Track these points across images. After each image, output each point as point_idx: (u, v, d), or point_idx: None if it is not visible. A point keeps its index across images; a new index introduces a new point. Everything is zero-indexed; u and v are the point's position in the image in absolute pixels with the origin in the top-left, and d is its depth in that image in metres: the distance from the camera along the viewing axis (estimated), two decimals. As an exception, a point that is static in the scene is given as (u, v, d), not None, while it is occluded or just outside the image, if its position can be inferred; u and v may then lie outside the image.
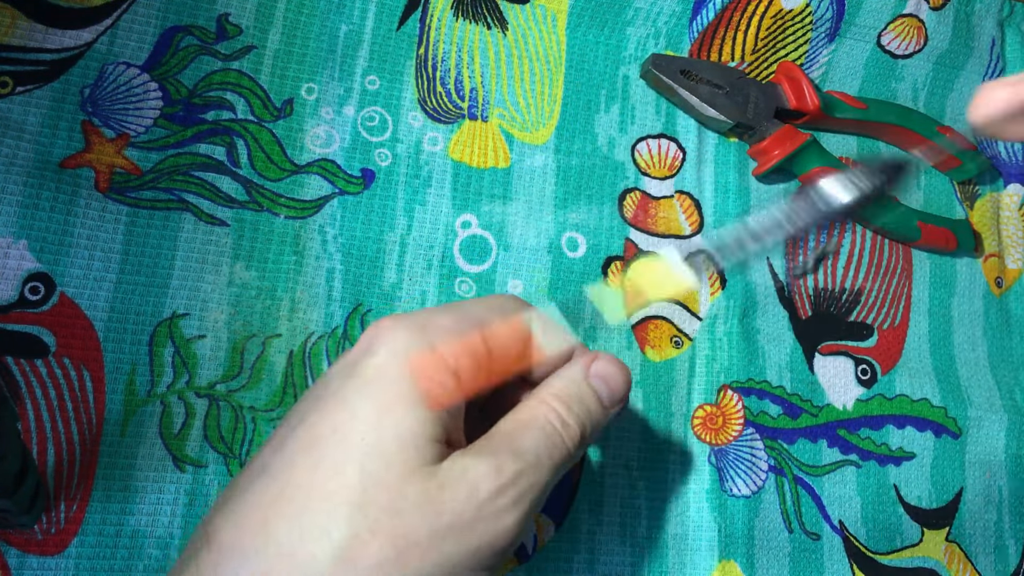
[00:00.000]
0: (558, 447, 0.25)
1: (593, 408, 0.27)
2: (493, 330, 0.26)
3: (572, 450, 0.26)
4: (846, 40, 0.45)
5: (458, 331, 0.25)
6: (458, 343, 0.25)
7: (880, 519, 0.40)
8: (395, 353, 0.24)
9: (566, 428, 0.26)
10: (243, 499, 0.23)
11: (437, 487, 0.23)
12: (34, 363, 0.31)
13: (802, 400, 0.41)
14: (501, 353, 0.26)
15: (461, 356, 0.24)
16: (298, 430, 0.24)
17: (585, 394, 0.27)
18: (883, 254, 0.44)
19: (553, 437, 0.25)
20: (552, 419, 0.26)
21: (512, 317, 0.27)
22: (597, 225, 0.40)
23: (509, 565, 0.35)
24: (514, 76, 0.40)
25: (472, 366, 0.25)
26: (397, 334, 0.24)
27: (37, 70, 0.33)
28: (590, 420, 0.27)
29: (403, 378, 0.24)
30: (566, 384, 0.27)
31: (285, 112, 0.37)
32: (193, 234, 0.34)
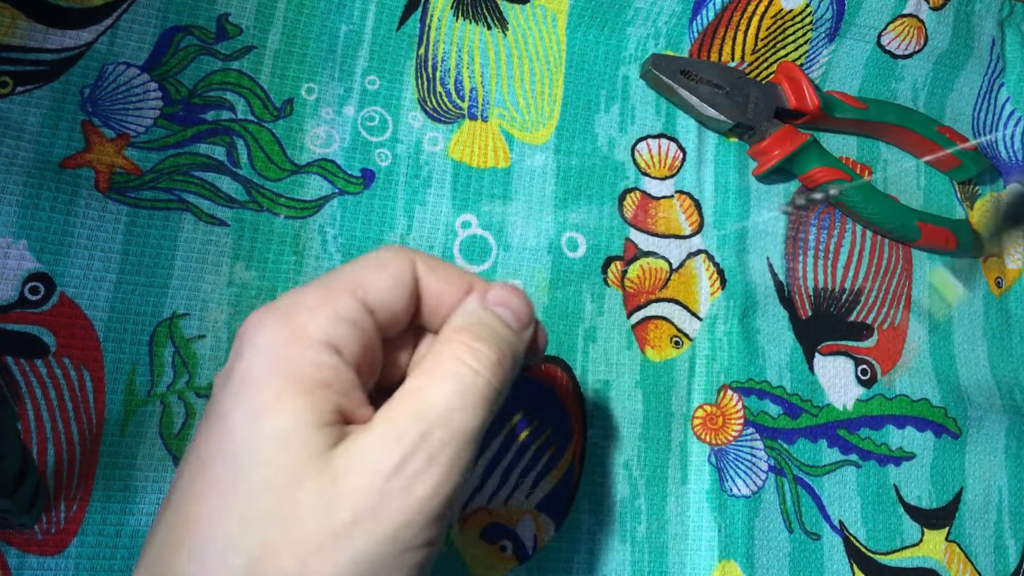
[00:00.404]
0: (473, 384, 0.23)
1: (502, 331, 0.25)
2: (368, 287, 0.24)
3: (492, 379, 0.24)
4: (846, 40, 0.45)
5: (328, 301, 0.23)
6: (327, 313, 0.23)
7: (880, 519, 0.40)
8: (259, 349, 0.22)
9: (477, 356, 0.24)
10: (153, 537, 0.22)
11: (331, 480, 0.21)
12: (34, 363, 0.31)
13: (802, 400, 0.41)
14: (385, 308, 0.24)
15: (334, 326, 0.23)
16: (190, 457, 0.22)
17: (488, 319, 0.25)
18: (883, 254, 0.44)
19: (464, 375, 0.23)
20: (459, 354, 0.24)
21: (390, 267, 0.25)
22: (597, 225, 0.40)
23: (509, 564, 0.35)
24: (514, 76, 0.40)
25: (350, 332, 0.23)
26: (260, 328, 0.23)
27: (37, 70, 0.33)
28: (503, 343, 0.25)
29: (272, 373, 0.22)
30: (465, 316, 0.25)
31: (285, 112, 0.37)
32: (193, 234, 0.34)
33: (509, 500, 0.36)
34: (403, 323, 0.25)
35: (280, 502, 0.21)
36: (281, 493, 0.21)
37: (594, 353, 0.38)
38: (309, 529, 0.21)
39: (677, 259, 0.40)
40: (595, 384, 0.38)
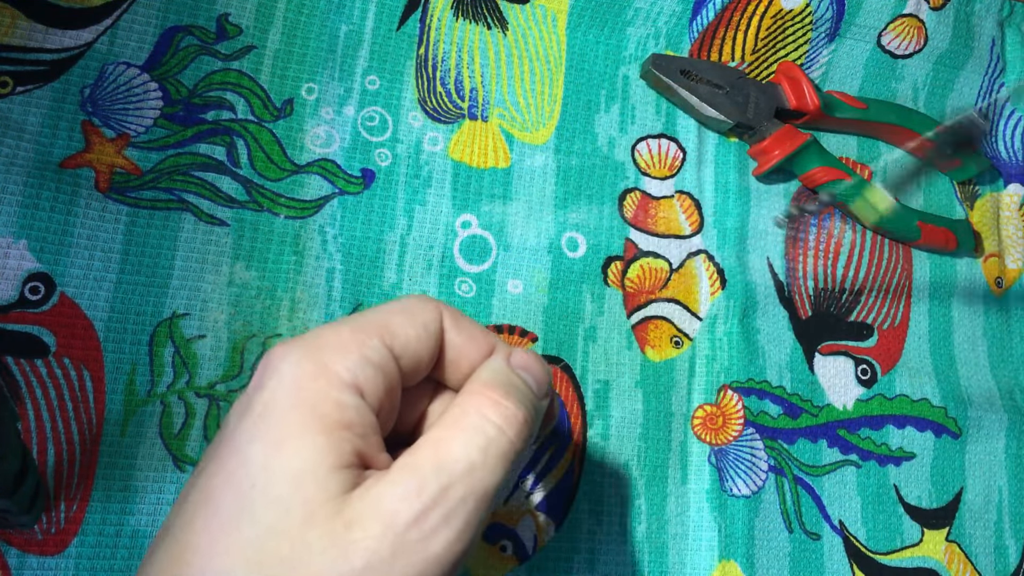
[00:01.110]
0: (496, 441, 0.23)
1: (527, 392, 0.25)
2: (396, 332, 0.24)
3: (515, 439, 0.23)
4: (846, 40, 0.45)
5: (356, 341, 0.23)
6: (355, 354, 0.22)
7: (880, 519, 0.40)
8: (283, 382, 0.22)
9: (504, 413, 0.23)
10: (151, 560, 0.21)
11: (344, 526, 0.20)
12: (34, 363, 0.31)
13: (802, 400, 0.41)
14: (410, 356, 0.24)
15: (360, 367, 0.22)
16: (197, 483, 0.22)
17: (515, 379, 0.25)
18: (883, 254, 0.44)
19: (488, 431, 0.23)
20: (485, 409, 0.23)
21: (419, 316, 0.25)
22: (597, 225, 0.40)
23: (509, 564, 0.35)
24: (514, 76, 0.40)
25: (375, 375, 0.23)
26: (286, 360, 0.22)
27: (37, 70, 0.33)
28: (528, 404, 0.24)
29: (294, 408, 0.21)
30: (493, 373, 0.25)
31: (285, 112, 0.37)
32: (193, 234, 0.34)
33: (509, 500, 0.36)
34: (424, 373, 0.25)
35: (290, 544, 0.20)
36: (291, 535, 0.20)
37: (594, 353, 0.38)
38: (317, 574, 0.20)
39: (677, 259, 0.40)
40: (595, 384, 0.38)
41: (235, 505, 0.21)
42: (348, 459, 0.21)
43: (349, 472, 0.21)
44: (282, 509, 0.20)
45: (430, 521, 0.21)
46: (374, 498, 0.21)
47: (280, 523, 0.20)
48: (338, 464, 0.21)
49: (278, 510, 0.20)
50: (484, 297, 0.37)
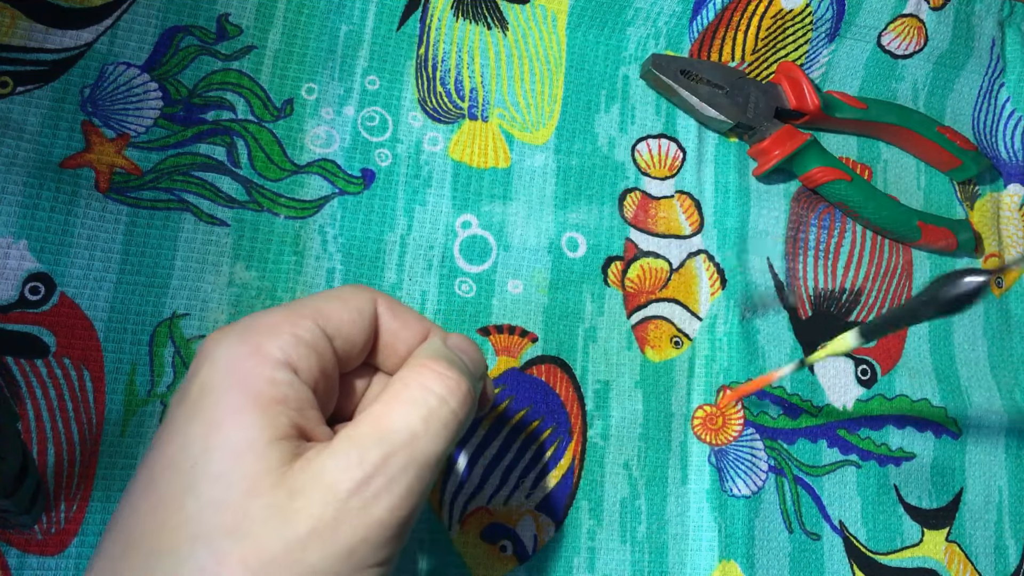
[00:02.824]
0: (438, 411, 0.23)
1: (466, 368, 0.25)
2: (329, 315, 0.24)
3: (457, 408, 0.24)
4: (846, 40, 0.45)
5: (288, 322, 0.23)
6: (287, 334, 0.23)
7: (880, 519, 0.40)
8: (216, 365, 0.22)
9: (446, 383, 0.24)
10: (99, 556, 0.22)
11: (287, 495, 0.21)
12: (34, 363, 0.31)
13: (802, 400, 0.41)
14: (344, 339, 0.25)
15: (293, 346, 0.23)
16: (140, 472, 0.22)
17: (454, 356, 0.25)
18: (883, 254, 0.44)
19: (430, 402, 0.23)
20: (427, 381, 0.24)
21: (352, 301, 0.25)
22: (597, 225, 0.40)
23: (509, 564, 0.35)
24: (514, 76, 0.40)
25: (308, 354, 0.23)
26: (219, 345, 0.23)
27: (37, 70, 0.33)
28: (469, 377, 0.25)
29: (229, 388, 0.22)
30: (433, 350, 0.25)
31: (285, 112, 0.37)
32: (193, 234, 0.34)
33: (509, 500, 0.36)
34: (360, 357, 0.26)
35: (233, 516, 0.20)
36: (234, 507, 0.21)
37: (594, 353, 0.38)
38: (262, 543, 0.20)
39: (677, 259, 0.40)
40: (595, 384, 0.38)
41: (178, 485, 0.21)
42: (286, 431, 0.22)
43: (289, 444, 0.22)
44: (224, 484, 0.21)
45: (372, 488, 0.21)
46: (316, 469, 0.21)
47: (223, 496, 0.21)
48: (276, 437, 0.22)
49: (220, 485, 0.21)
50: (484, 297, 0.37)
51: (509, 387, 0.37)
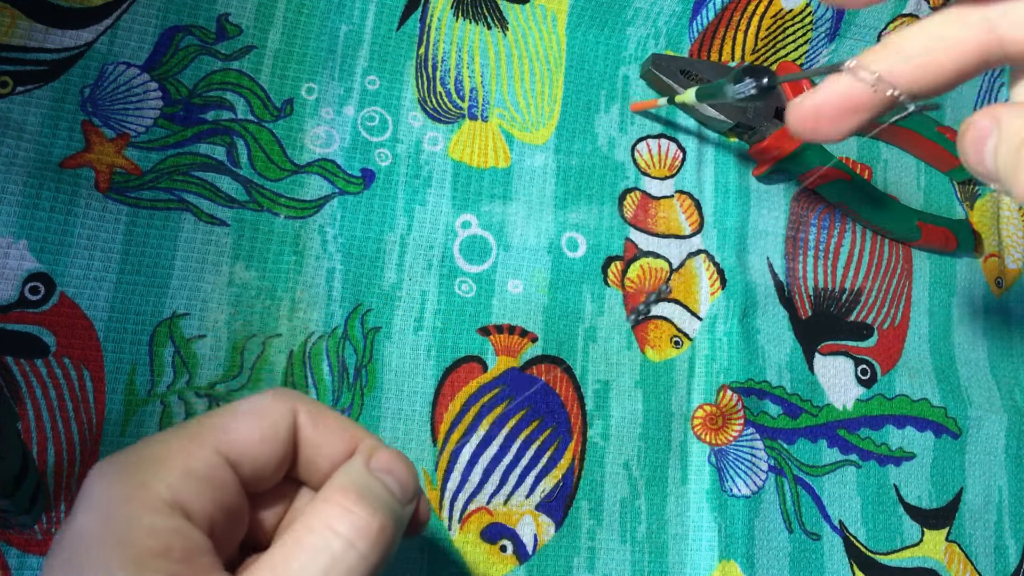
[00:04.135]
0: (343, 558, 0.20)
1: (389, 500, 0.22)
2: (236, 438, 0.22)
3: (368, 553, 0.21)
4: (846, 40, 0.45)
5: (183, 453, 0.21)
6: (178, 469, 0.20)
7: (880, 519, 0.40)
8: (92, 510, 0.20)
9: (354, 523, 0.21)
10: None
11: None
12: (34, 363, 0.31)
13: (802, 400, 0.41)
14: (252, 462, 0.22)
15: (184, 483, 0.20)
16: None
17: (373, 483, 0.23)
18: (883, 254, 0.44)
19: (333, 548, 0.20)
20: (332, 521, 0.21)
21: (266, 416, 0.23)
22: (597, 225, 0.40)
23: (509, 564, 0.35)
24: (514, 76, 0.40)
25: (204, 490, 0.21)
26: (98, 483, 0.20)
27: (37, 70, 0.33)
28: (387, 512, 0.22)
29: (100, 540, 0.19)
30: (347, 476, 0.22)
31: (285, 112, 0.37)
32: (193, 234, 0.34)
33: (509, 500, 0.36)
34: (275, 478, 0.23)
35: None
36: None
37: (594, 353, 0.38)
38: None
39: (677, 259, 0.40)
40: (595, 384, 0.38)
41: None
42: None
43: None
44: None
45: None
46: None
47: None
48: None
49: None
50: (484, 297, 0.37)
51: (509, 387, 0.37)
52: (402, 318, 0.36)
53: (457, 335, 0.37)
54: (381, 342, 0.36)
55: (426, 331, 0.36)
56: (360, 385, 0.35)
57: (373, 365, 0.35)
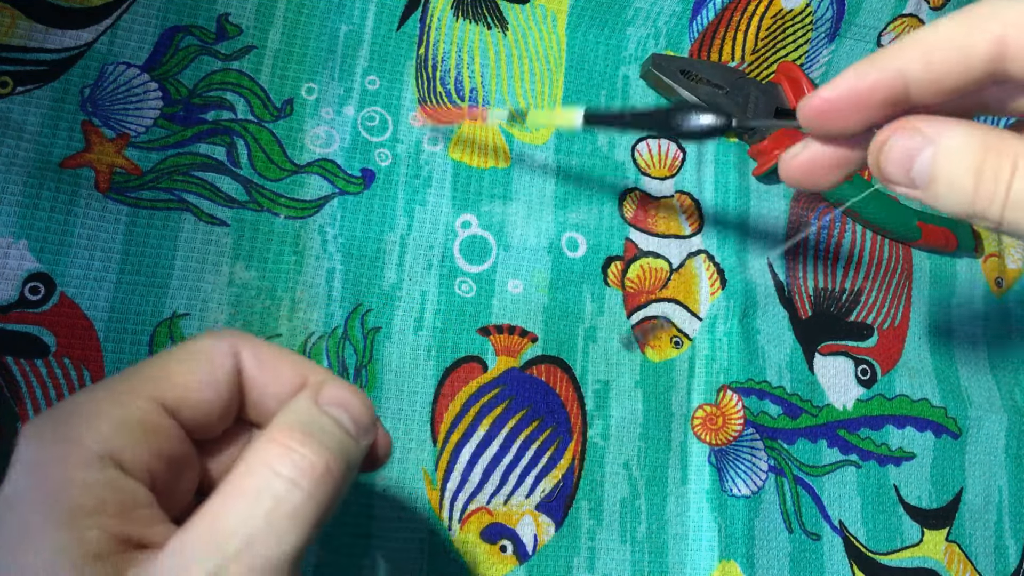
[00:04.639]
0: (285, 500, 0.19)
1: (336, 434, 0.21)
2: (173, 382, 0.21)
3: (314, 492, 0.20)
4: (846, 40, 0.45)
5: (115, 404, 0.20)
6: (110, 420, 0.20)
7: (880, 519, 0.40)
8: (23, 470, 0.19)
9: (297, 463, 0.20)
10: None
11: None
12: (34, 363, 0.31)
13: (802, 400, 0.41)
14: (193, 408, 0.21)
15: (117, 434, 0.19)
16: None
17: (320, 419, 0.21)
18: (883, 254, 0.44)
19: (276, 490, 0.19)
20: (273, 462, 0.20)
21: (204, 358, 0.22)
22: (597, 225, 0.40)
23: (509, 564, 0.35)
24: (514, 76, 0.40)
25: (140, 439, 0.20)
26: (29, 443, 0.19)
27: (37, 70, 0.33)
28: (336, 448, 0.21)
29: (33, 501, 0.19)
30: (293, 414, 0.21)
31: (285, 112, 0.37)
32: (193, 234, 0.34)
33: (509, 500, 0.36)
34: (223, 422, 0.23)
35: None
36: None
37: (594, 353, 0.38)
38: None
39: (677, 259, 0.40)
40: (595, 384, 0.38)
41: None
42: (101, 547, 0.18)
43: (106, 562, 0.18)
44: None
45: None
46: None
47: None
48: (88, 555, 0.18)
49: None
50: (484, 297, 0.37)
51: (509, 387, 0.37)
52: (402, 318, 0.36)
53: (457, 335, 0.37)
54: (381, 342, 0.36)
55: (426, 331, 0.36)
56: (360, 385, 0.35)
57: (373, 365, 0.35)
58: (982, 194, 0.22)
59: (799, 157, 0.26)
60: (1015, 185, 0.21)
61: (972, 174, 0.22)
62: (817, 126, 0.25)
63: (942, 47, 0.22)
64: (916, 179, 0.23)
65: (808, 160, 0.26)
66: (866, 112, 0.24)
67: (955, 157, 0.22)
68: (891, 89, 0.23)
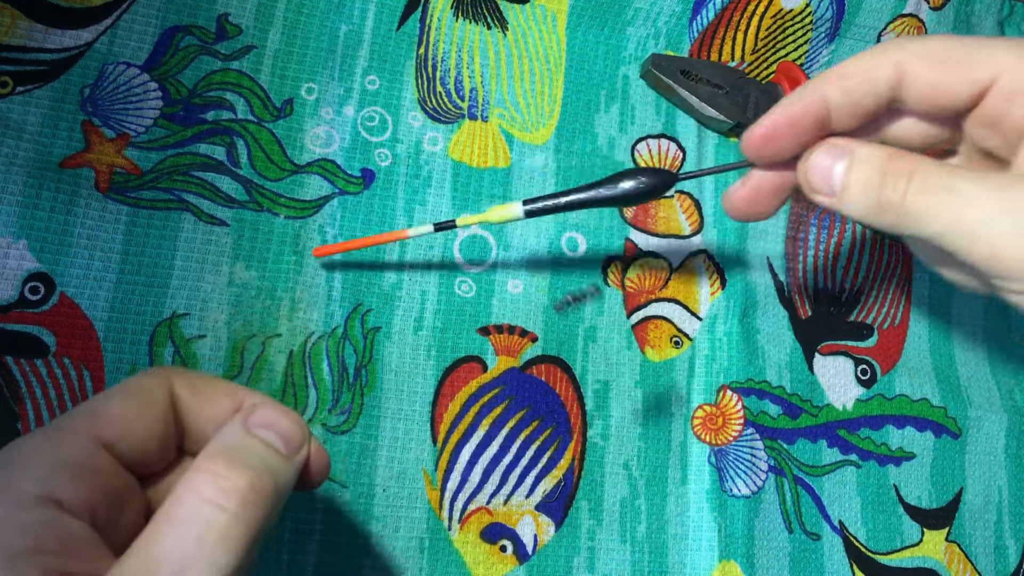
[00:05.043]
0: (213, 523, 0.20)
1: (265, 456, 0.22)
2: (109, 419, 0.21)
3: (241, 513, 0.20)
4: (846, 40, 0.45)
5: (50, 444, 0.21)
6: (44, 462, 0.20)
7: (880, 519, 0.40)
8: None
9: (222, 487, 0.20)
10: None
11: None
12: (34, 363, 0.31)
13: (802, 400, 0.41)
14: (130, 442, 0.22)
15: (53, 474, 0.20)
16: None
17: (248, 442, 0.22)
18: (883, 254, 0.44)
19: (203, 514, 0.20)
20: (200, 488, 0.20)
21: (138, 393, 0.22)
22: (597, 225, 0.40)
23: (509, 564, 0.35)
24: (514, 76, 0.40)
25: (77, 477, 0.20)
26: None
27: (37, 70, 0.33)
28: (262, 469, 0.21)
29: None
30: (220, 441, 0.22)
31: (285, 112, 0.37)
32: (193, 234, 0.34)
33: (509, 500, 0.36)
34: (164, 454, 0.23)
35: None
36: None
37: (594, 353, 0.38)
38: None
39: (677, 259, 0.40)
40: (595, 384, 0.38)
41: None
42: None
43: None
44: None
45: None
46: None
47: None
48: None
49: None
50: (484, 297, 0.37)
51: (509, 387, 0.37)
52: (402, 318, 0.36)
53: (457, 335, 0.37)
54: (381, 342, 0.36)
55: (426, 331, 0.36)
56: (360, 385, 0.35)
57: (373, 365, 0.35)
58: (885, 195, 0.26)
59: (740, 191, 0.30)
60: (912, 188, 0.25)
61: (878, 178, 0.26)
62: (760, 153, 0.28)
63: (854, 75, 0.27)
64: (834, 186, 0.27)
65: (751, 191, 0.30)
66: (799, 135, 0.28)
67: (865, 166, 0.26)
68: (817, 114, 0.27)
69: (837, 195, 0.27)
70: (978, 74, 0.25)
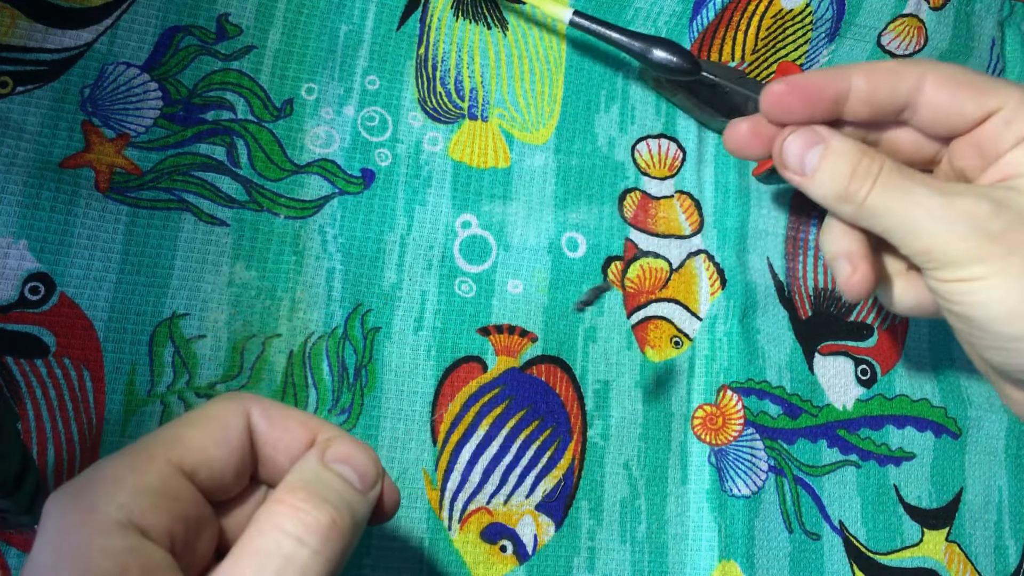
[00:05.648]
0: (293, 558, 0.20)
1: (341, 490, 0.22)
2: (189, 446, 0.22)
3: (320, 548, 0.21)
4: (846, 40, 0.45)
5: (134, 470, 0.21)
6: (129, 487, 0.20)
7: (880, 519, 0.40)
8: (48, 538, 0.20)
9: (303, 521, 0.21)
10: None
11: None
12: (34, 363, 0.31)
13: (802, 400, 0.41)
14: (209, 469, 0.22)
15: (136, 500, 0.20)
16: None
17: (326, 477, 0.22)
18: (883, 254, 0.44)
19: (284, 549, 0.20)
20: (281, 521, 0.21)
21: (216, 421, 0.23)
22: (597, 225, 0.40)
23: (509, 564, 0.35)
24: (514, 76, 0.40)
25: (159, 504, 0.20)
26: (52, 512, 0.20)
27: (37, 70, 0.33)
28: (341, 505, 0.22)
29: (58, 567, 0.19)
30: (299, 473, 0.22)
31: (285, 112, 0.37)
32: (193, 234, 0.34)
33: (509, 500, 0.36)
34: (239, 482, 0.23)
35: None
36: None
37: (594, 353, 0.38)
38: None
39: (677, 259, 0.40)
40: (595, 384, 0.38)
41: None
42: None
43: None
44: None
45: None
46: None
47: None
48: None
49: None
50: (484, 297, 0.37)
51: (509, 387, 0.37)
52: (402, 318, 0.36)
53: (457, 335, 0.37)
54: (381, 342, 0.36)
55: (426, 331, 0.36)
56: (360, 385, 0.35)
57: (373, 365, 0.35)
58: (851, 189, 0.29)
59: (742, 126, 0.32)
60: (876, 188, 0.28)
61: (848, 171, 0.29)
62: (770, 107, 0.31)
63: (884, 69, 0.29)
64: (806, 167, 0.30)
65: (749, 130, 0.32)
66: (813, 104, 0.30)
67: (838, 158, 0.29)
68: (837, 92, 0.30)
69: (807, 176, 0.30)
70: (989, 100, 0.28)
